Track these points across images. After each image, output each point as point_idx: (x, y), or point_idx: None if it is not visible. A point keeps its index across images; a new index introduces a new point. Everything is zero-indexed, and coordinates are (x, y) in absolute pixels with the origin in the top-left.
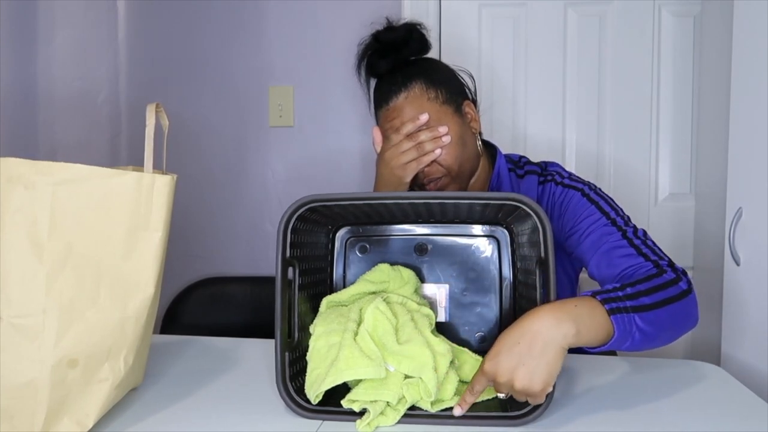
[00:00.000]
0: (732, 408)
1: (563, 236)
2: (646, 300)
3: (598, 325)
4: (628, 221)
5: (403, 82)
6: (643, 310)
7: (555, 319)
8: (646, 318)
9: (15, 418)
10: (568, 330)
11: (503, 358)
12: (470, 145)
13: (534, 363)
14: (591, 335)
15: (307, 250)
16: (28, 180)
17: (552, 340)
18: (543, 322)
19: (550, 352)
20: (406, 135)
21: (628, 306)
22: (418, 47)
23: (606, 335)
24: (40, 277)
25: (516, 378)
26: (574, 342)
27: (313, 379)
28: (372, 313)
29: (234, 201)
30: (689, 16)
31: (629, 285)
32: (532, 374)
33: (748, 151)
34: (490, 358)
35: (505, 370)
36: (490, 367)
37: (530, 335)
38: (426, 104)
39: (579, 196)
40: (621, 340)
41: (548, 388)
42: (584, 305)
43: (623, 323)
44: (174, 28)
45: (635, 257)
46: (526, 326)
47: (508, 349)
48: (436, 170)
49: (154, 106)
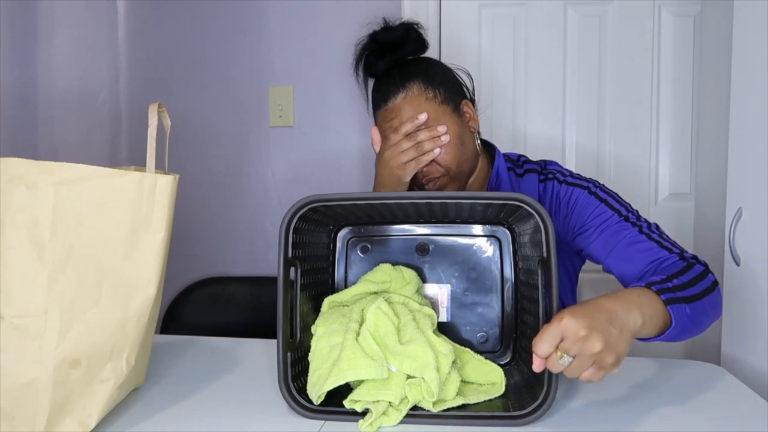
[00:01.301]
0: (732, 408)
1: (570, 235)
2: (691, 291)
3: (657, 315)
4: (639, 216)
5: (401, 82)
6: (692, 300)
7: (626, 306)
8: (694, 308)
9: (16, 419)
10: (637, 318)
11: (586, 317)
12: (469, 144)
13: (614, 336)
14: (653, 325)
15: (308, 250)
16: (30, 180)
17: (625, 325)
18: (617, 305)
19: (626, 333)
20: (404, 135)
21: (679, 297)
22: (415, 47)
23: (663, 325)
24: (42, 277)
25: (594, 341)
26: (640, 330)
27: (315, 379)
28: (374, 314)
29: (234, 201)
30: (689, 16)
31: (674, 276)
32: (610, 343)
33: (748, 151)
34: (570, 313)
35: (585, 327)
36: (571, 322)
37: (609, 312)
38: (424, 104)
39: (585, 194)
40: (677, 330)
41: (616, 367)
42: (645, 296)
43: (679, 313)
44: (174, 28)
45: (659, 250)
46: (601, 304)
47: (590, 314)
48: (434, 170)
49: (156, 106)
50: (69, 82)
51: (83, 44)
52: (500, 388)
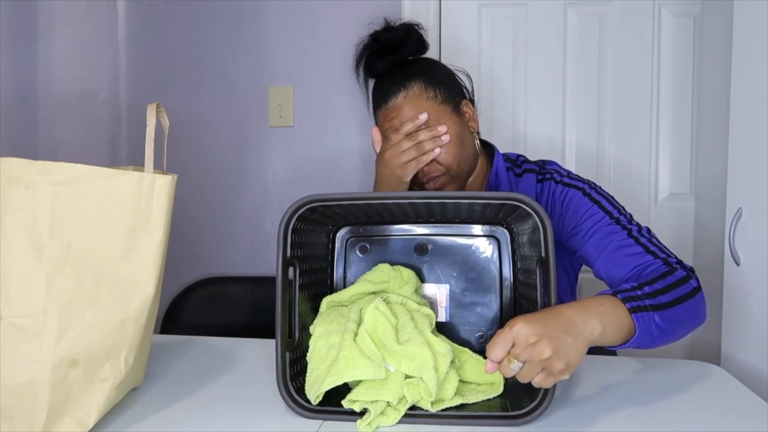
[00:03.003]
0: (732, 408)
1: (565, 236)
2: (663, 298)
3: (620, 323)
4: (631, 219)
5: (401, 82)
6: (662, 308)
7: (584, 314)
8: (664, 316)
9: (15, 419)
10: (595, 327)
11: (537, 324)
12: (468, 144)
13: (566, 343)
14: (614, 334)
15: (307, 250)
16: (29, 180)
17: (581, 332)
18: (574, 313)
19: (580, 341)
20: (405, 134)
21: (648, 305)
22: (416, 47)
23: (627, 334)
24: (40, 277)
25: (543, 347)
26: (598, 339)
27: (313, 379)
28: (371, 314)
29: (234, 201)
30: (689, 16)
31: (647, 284)
32: (560, 350)
33: (748, 151)
34: (523, 320)
35: (534, 334)
36: (522, 328)
37: (564, 320)
38: (425, 104)
39: (580, 195)
40: (641, 339)
41: (566, 374)
42: (608, 304)
43: (644, 322)
44: (174, 28)
45: (643, 255)
46: (559, 312)
47: (544, 321)
48: (435, 169)
49: (155, 106)
50: (69, 82)
51: (83, 44)
52: (498, 387)
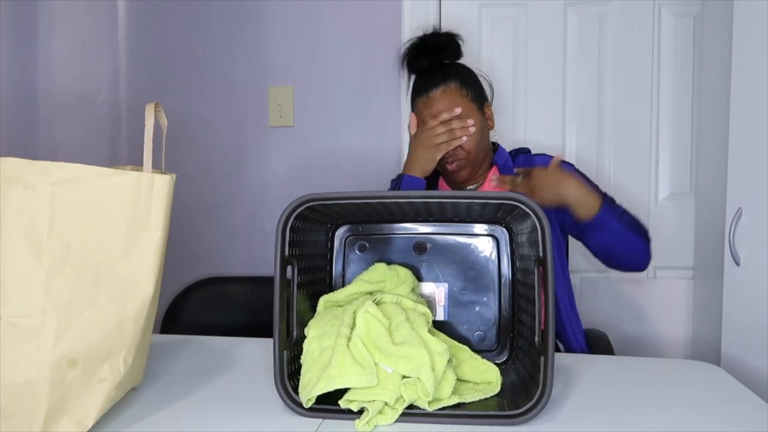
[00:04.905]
0: (732, 408)
1: None
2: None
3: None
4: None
5: (442, 78)
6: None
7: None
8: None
9: (14, 418)
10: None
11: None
12: (486, 138)
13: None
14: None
15: (306, 249)
16: (27, 180)
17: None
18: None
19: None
20: (441, 122)
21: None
22: (454, 53)
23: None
24: (39, 277)
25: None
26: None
27: (305, 382)
28: (363, 317)
29: (234, 201)
30: (689, 16)
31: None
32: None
33: (748, 151)
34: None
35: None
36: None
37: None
38: (459, 99)
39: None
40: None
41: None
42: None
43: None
44: (174, 28)
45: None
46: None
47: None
48: (459, 153)
49: (153, 106)
50: (69, 82)
51: (83, 44)
52: (496, 387)
